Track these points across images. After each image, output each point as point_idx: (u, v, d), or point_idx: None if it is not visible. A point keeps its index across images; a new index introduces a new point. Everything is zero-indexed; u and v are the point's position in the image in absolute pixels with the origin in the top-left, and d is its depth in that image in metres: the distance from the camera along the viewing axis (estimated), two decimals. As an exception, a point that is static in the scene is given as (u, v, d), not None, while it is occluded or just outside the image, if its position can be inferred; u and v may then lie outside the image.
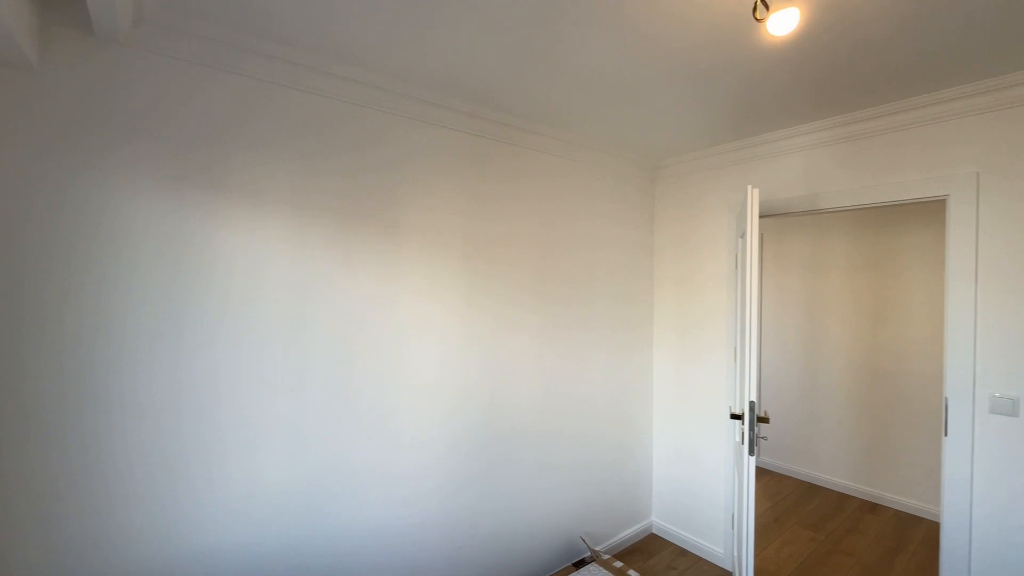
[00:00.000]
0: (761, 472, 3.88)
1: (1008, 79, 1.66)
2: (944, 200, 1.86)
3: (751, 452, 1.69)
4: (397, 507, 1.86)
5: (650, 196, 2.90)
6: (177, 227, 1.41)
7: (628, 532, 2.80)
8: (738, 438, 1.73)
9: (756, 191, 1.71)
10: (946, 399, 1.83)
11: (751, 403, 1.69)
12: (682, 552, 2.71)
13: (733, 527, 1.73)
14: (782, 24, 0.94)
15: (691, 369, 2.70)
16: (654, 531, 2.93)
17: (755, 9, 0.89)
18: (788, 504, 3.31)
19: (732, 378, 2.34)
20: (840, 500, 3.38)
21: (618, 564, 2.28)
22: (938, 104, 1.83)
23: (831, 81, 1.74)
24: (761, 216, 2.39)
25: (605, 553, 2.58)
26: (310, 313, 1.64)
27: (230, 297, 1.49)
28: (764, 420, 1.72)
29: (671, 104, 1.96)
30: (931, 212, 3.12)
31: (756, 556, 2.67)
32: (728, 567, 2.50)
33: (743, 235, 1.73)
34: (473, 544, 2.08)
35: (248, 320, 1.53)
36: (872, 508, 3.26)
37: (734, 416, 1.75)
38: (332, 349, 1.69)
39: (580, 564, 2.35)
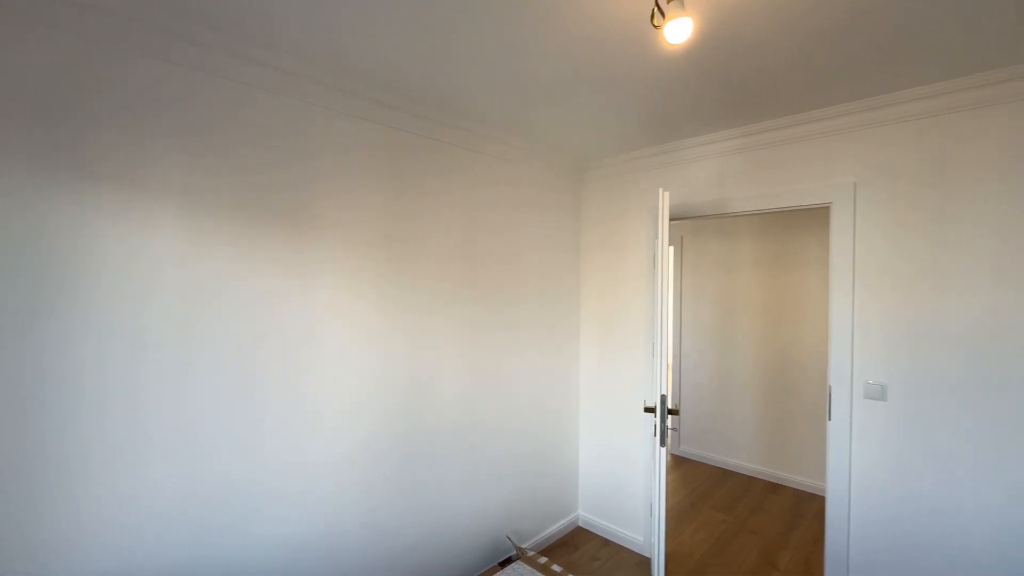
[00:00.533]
0: (681, 461, 4.11)
1: (881, 100, 1.87)
2: (828, 207, 2.06)
3: (662, 443, 1.77)
4: (310, 516, 1.75)
5: (577, 197, 2.96)
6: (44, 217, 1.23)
7: (555, 527, 2.85)
8: (652, 430, 1.81)
9: (667, 194, 1.79)
10: (830, 387, 2.03)
11: (662, 396, 1.77)
12: (606, 543, 2.80)
13: (650, 516, 1.81)
14: (677, 32, 0.98)
15: (614, 365, 2.80)
16: (580, 524, 3.00)
17: (652, 16, 0.93)
18: (703, 490, 3.53)
19: (650, 373, 2.45)
20: (748, 483, 3.66)
21: (542, 560, 2.31)
22: (824, 120, 2.02)
23: (732, 95, 1.86)
24: (676, 219, 2.52)
25: (531, 550, 2.60)
26: (205, 314, 1.50)
27: (104, 293, 1.33)
28: (674, 412, 1.82)
29: (589, 107, 2.01)
30: (823, 218, 3.46)
31: (672, 541, 2.82)
32: (648, 554, 2.62)
33: (657, 236, 1.81)
34: (396, 548, 2.02)
35: (125, 319, 1.36)
36: (774, 489, 3.56)
37: (647, 410, 1.83)
38: (233, 351, 1.56)
39: (506, 563, 2.35)
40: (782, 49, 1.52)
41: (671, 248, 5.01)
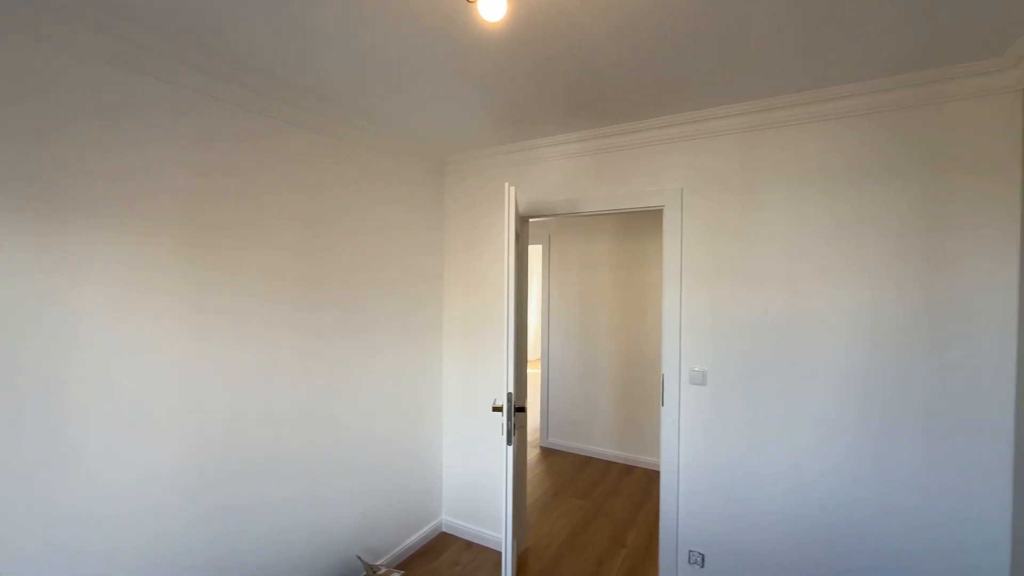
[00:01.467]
0: (549, 452, 4.26)
1: (703, 114, 2.06)
2: (662, 210, 2.23)
3: (508, 442, 1.75)
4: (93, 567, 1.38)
5: (440, 192, 2.86)
6: None
7: (417, 536, 2.71)
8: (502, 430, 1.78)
9: (513, 189, 1.77)
10: (663, 376, 2.21)
11: (509, 395, 1.75)
12: (468, 546, 2.74)
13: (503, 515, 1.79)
14: (492, 8, 0.93)
15: (478, 366, 2.75)
16: (444, 530, 2.91)
17: (463, -11, 0.86)
18: (566, 479, 3.69)
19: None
20: (607, 468, 3.91)
21: (397, 575, 2.17)
22: (658, 129, 2.19)
23: (573, 97, 1.91)
24: (534, 216, 2.55)
25: (386, 565, 2.44)
26: None
27: None
28: (521, 410, 1.81)
29: (437, 96, 1.91)
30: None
31: (536, 533, 2.87)
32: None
33: (506, 231, 1.78)
34: (206, 595, 1.71)
35: None
36: (629, 471, 3.86)
37: (495, 409, 1.80)
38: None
39: (355, 585, 2.16)
40: (612, 52, 1.58)
41: (539, 247, 5.18)
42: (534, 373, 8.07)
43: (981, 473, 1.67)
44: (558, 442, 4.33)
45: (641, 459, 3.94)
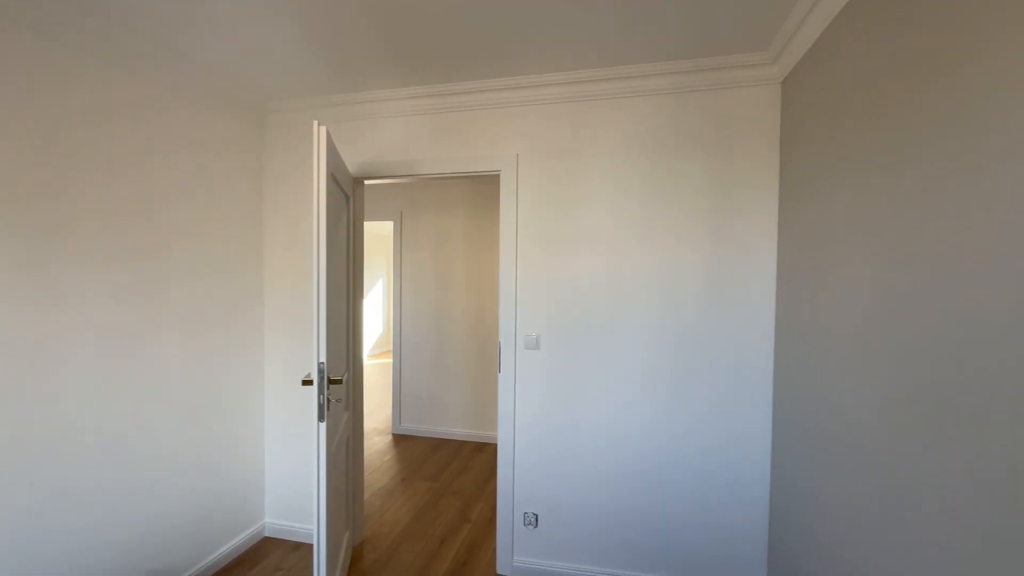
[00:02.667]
0: (400, 439, 4.07)
1: (531, 79, 2.07)
2: (499, 175, 2.21)
3: (320, 417, 1.54)
4: None
5: (257, 146, 2.46)
6: None
7: (230, 546, 2.32)
8: (318, 410, 1.56)
9: (324, 129, 1.55)
10: (500, 343, 2.20)
11: (320, 365, 1.54)
12: (296, 547, 2.44)
13: (315, 507, 1.57)
14: None
15: (306, 349, 2.44)
16: (268, 534, 2.55)
17: None
18: (417, 463, 3.55)
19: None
20: (459, 448, 3.87)
21: (190, 594, 1.80)
22: (494, 92, 2.15)
23: (400, 44, 1.76)
24: (367, 178, 2.34)
25: (181, 585, 2.03)
26: None
27: None
28: (337, 382, 1.61)
29: (252, 27, 1.59)
30: (518, 202, 3.91)
31: (375, 523, 2.68)
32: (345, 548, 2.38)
33: (315, 182, 1.55)
34: None
35: None
36: (481, 448, 3.88)
37: (305, 382, 1.58)
38: None
39: (130, 616, 1.73)
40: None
41: (390, 224, 4.91)
42: (388, 363, 7.74)
43: (750, 416, 1.98)
44: (411, 427, 4.17)
45: (494, 436, 3.99)
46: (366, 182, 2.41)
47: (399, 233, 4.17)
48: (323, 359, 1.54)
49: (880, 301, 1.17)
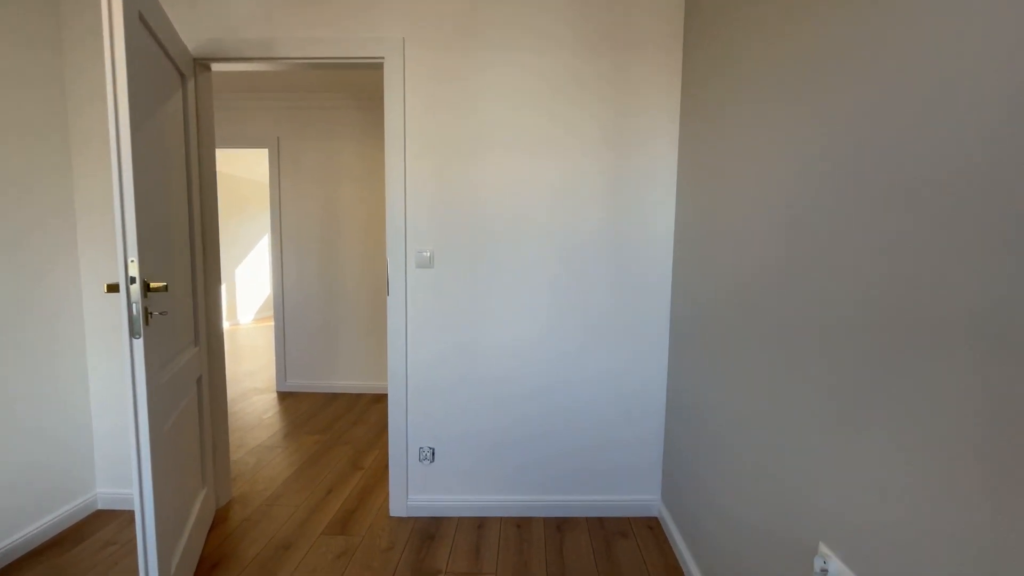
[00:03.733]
0: (287, 395, 3.64)
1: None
2: (382, 64, 1.88)
3: (135, 333, 1.18)
4: None
5: (53, 18, 1.84)
6: None
7: (49, 521, 1.84)
8: (128, 327, 1.18)
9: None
10: (388, 262, 1.93)
11: (129, 261, 1.16)
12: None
13: (136, 458, 1.21)
14: None
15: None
16: (102, 506, 2.07)
17: None
18: (304, 418, 3.18)
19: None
20: (354, 401, 3.56)
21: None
22: (374, -39, 1.80)
23: None
24: (213, 60, 1.87)
25: (-43, 576, 1.55)
26: None
27: None
28: (159, 289, 1.24)
29: None
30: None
31: (248, 482, 2.32)
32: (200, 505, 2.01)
33: (106, 25, 1.13)
34: None
35: None
36: (378, 399, 3.60)
37: (111, 288, 1.19)
38: None
39: None
40: None
41: (264, 152, 4.27)
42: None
43: (650, 331, 1.95)
44: (299, 383, 3.75)
45: (393, 386, 3.72)
46: (214, 67, 1.93)
47: (276, 164, 3.60)
48: (133, 255, 1.16)
49: (779, 208, 1.11)
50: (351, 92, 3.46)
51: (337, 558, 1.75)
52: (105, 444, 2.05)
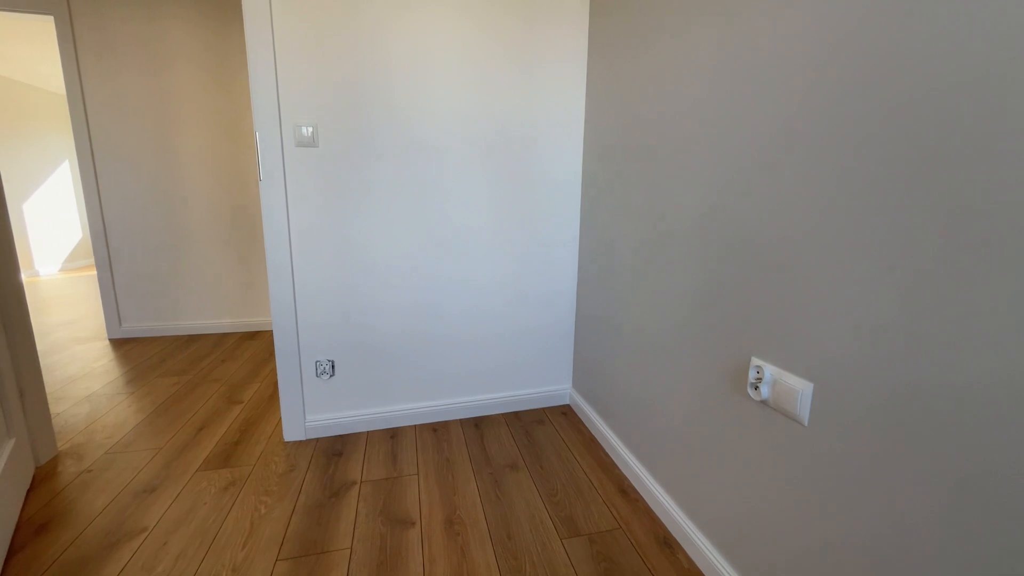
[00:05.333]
0: (124, 343, 2.95)
1: None
2: None
3: None
4: None
5: None
6: None
7: None
8: None
9: None
10: (257, 138, 1.55)
11: None
12: (-96, 490, 1.45)
13: None
14: None
15: None
16: None
17: None
18: (153, 363, 2.62)
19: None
20: (219, 340, 3.03)
21: None
22: None
23: None
24: None
25: None
26: None
27: None
28: None
29: None
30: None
31: (81, 429, 1.83)
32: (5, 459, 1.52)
33: None
34: None
35: None
36: (252, 336, 3.12)
37: None
38: None
39: None
40: None
41: (50, 21, 3.21)
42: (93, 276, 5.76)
43: (560, 227, 1.91)
44: (139, 327, 3.06)
45: (267, 322, 3.25)
46: None
47: (71, 43, 2.68)
48: None
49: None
50: (175, -50, 2.67)
51: (223, 490, 1.48)
52: None
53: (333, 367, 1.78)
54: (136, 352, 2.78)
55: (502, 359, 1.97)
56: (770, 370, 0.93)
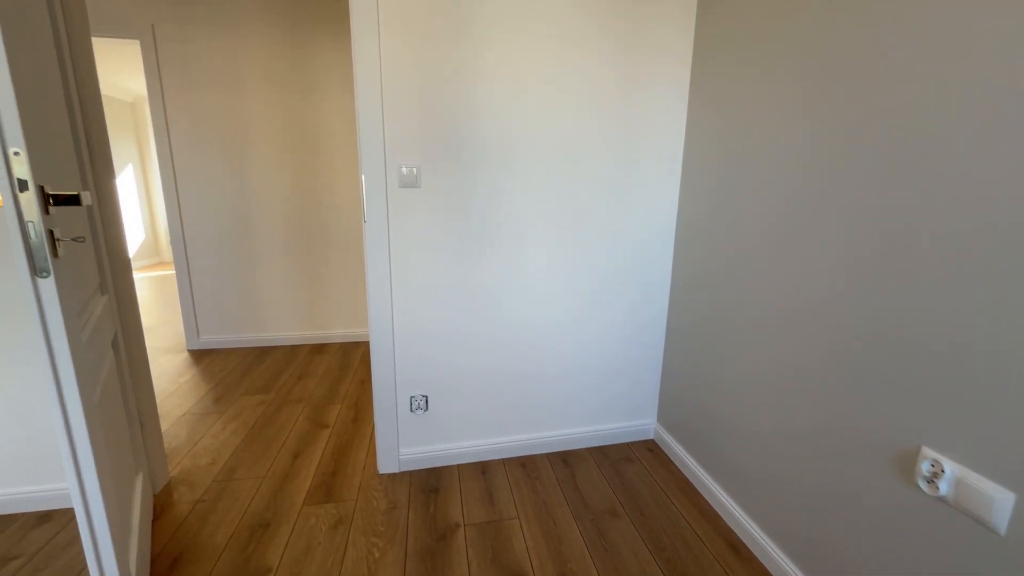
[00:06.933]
0: (202, 355, 3.07)
1: None
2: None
3: (40, 268, 0.76)
4: None
5: None
6: None
7: None
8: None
9: None
10: (362, 181, 1.55)
11: (11, 158, 0.72)
12: (44, 518, 1.55)
13: (68, 450, 0.83)
14: None
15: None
16: (-21, 512, 1.57)
17: None
18: (234, 378, 2.71)
19: None
20: (291, 353, 3.12)
21: None
22: None
23: None
24: None
25: None
26: None
27: None
28: (68, 200, 0.82)
29: None
30: (343, 23, 2.92)
31: (181, 455, 1.91)
32: (141, 494, 1.60)
33: None
34: None
35: None
36: (320, 349, 3.20)
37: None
38: None
39: None
40: None
41: (136, 45, 3.33)
42: (165, 276, 6.03)
43: (655, 268, 1.85)
44: (215, 339, 3.18)
45: (335, 333, 3.33)
46: None
47: (155, 62, 2.77)
48: (17, 144, 0.73)
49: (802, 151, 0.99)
50: (252, -29, 2.70)
51: (333, 528, 1.51)
52: (-30, 434, 1.51)
53: (427, 402, 1.79)
54: (216, 366, 2.88)
55: (587, 393, 1.95)
56: (951, 467, 0.87)
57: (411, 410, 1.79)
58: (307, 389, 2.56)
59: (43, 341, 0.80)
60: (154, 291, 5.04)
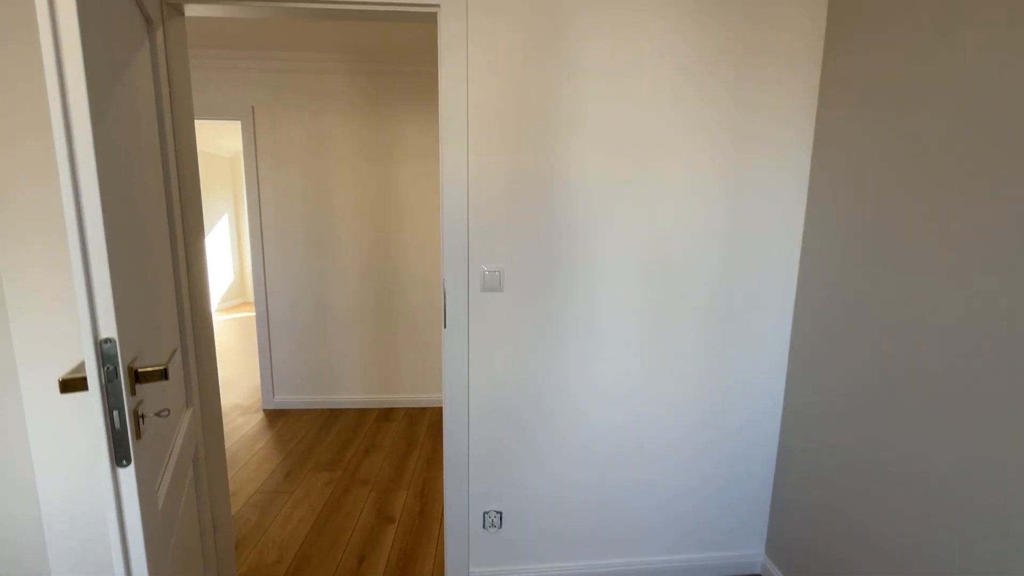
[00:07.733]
0: (277, 416, 3.13)
1: None
2: (435, 17, 1.37)
3: (121, 457, 0.71)
4: None
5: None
6: None
7: (-22, 652, 1.33)
8: (101, 434, 0.70)
9: None
10: (444, 283, 1.47)
11: (107, 344, 0.68)
12: (117, 619, 1.53)
13: None
14: None
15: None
16: (63, 605, 1.58)
17: None
18: (305, 446, 2.71)
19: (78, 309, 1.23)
20: (360, 417, 3.10)
21: None
22: None
23: None
24: (195, 1, 1.30)
25: None
26: None
27: None
28: (154, 377, 0.76)
29: None
30: (423, 94, 2.98)
31: (253, 543, 1.87)
32: (201, 601, 1.55)
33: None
34: None
35: None
36: (387, 415, 3.16)
37: (68, 386, 0.71)
38: None
39: None
40: None
41: (237, 124, 3.58)
42: (247, 317, 6.39)
43: (765, 383, 1.61)
44: (290, 399, 3.24)
45: (401, 398, 3.28)
46: (188, 9, 1.36)
47: (252, 138, 2.97)
48: (109, 330, 0.68)
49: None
50: (340, 52, 2.84)
51: (399, 673, 1.36)
52: (58, 530, 1.53)
53: (501, 519, 1.63)
54: (288, 431, 2.91)
55: (684, 517, 1.69)
56: None
57: (484, 527, 1.63)
58: (374, 467, 2.49)
59: (117, 534, 0.74)
60: (236, 335, 5.35)
